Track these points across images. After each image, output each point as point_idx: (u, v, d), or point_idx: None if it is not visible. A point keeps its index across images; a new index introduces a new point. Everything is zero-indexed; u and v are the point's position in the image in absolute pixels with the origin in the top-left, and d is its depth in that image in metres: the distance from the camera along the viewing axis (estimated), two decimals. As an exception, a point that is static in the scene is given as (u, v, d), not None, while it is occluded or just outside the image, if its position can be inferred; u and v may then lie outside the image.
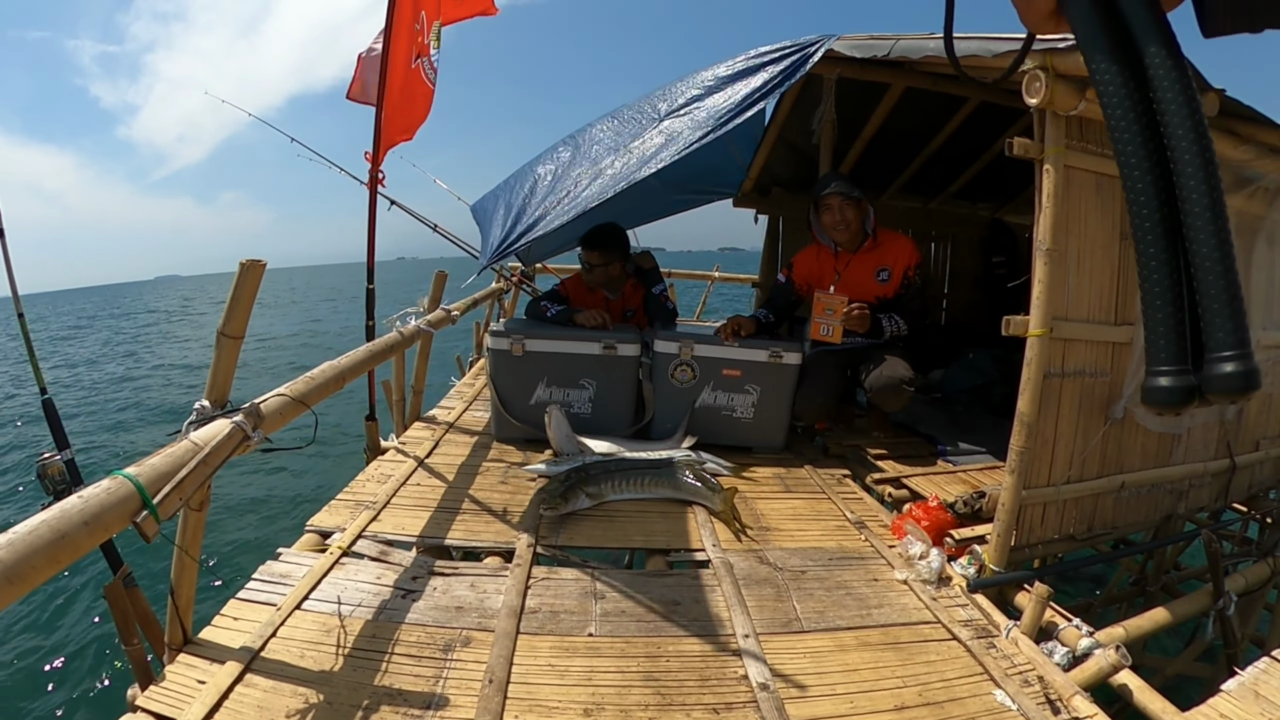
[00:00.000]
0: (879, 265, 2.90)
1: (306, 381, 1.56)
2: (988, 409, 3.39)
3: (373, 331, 2.83)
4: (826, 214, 2.85)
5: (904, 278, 2.89)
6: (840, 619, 1.69)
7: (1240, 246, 2.17)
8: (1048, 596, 1.64)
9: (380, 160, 2.92)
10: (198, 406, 1.36)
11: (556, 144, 2.94)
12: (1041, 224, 1.73)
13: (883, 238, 2.92)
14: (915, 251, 2.92)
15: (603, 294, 3.25)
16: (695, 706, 1.34)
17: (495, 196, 3.05)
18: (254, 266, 1.46)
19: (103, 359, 17.37)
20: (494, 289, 5.25)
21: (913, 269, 2.89)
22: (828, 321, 2.71)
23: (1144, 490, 2.17)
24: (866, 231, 2.88)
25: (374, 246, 3.03)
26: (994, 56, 1.81)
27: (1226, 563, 2.19)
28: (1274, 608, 2.67)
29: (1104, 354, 1.94)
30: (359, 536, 1.92)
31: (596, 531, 2.09)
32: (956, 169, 4.09)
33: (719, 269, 7.31)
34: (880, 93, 3.25)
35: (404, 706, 1.28)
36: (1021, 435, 1.79)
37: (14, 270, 2.11)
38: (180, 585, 1.45)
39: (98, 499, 0.92)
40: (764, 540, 2.09)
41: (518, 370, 2.79)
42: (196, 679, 1.30)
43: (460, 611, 1.61)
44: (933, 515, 2.06)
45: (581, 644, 1.51)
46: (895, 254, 2.90)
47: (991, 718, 1.36)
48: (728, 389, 2.80)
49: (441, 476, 2.46)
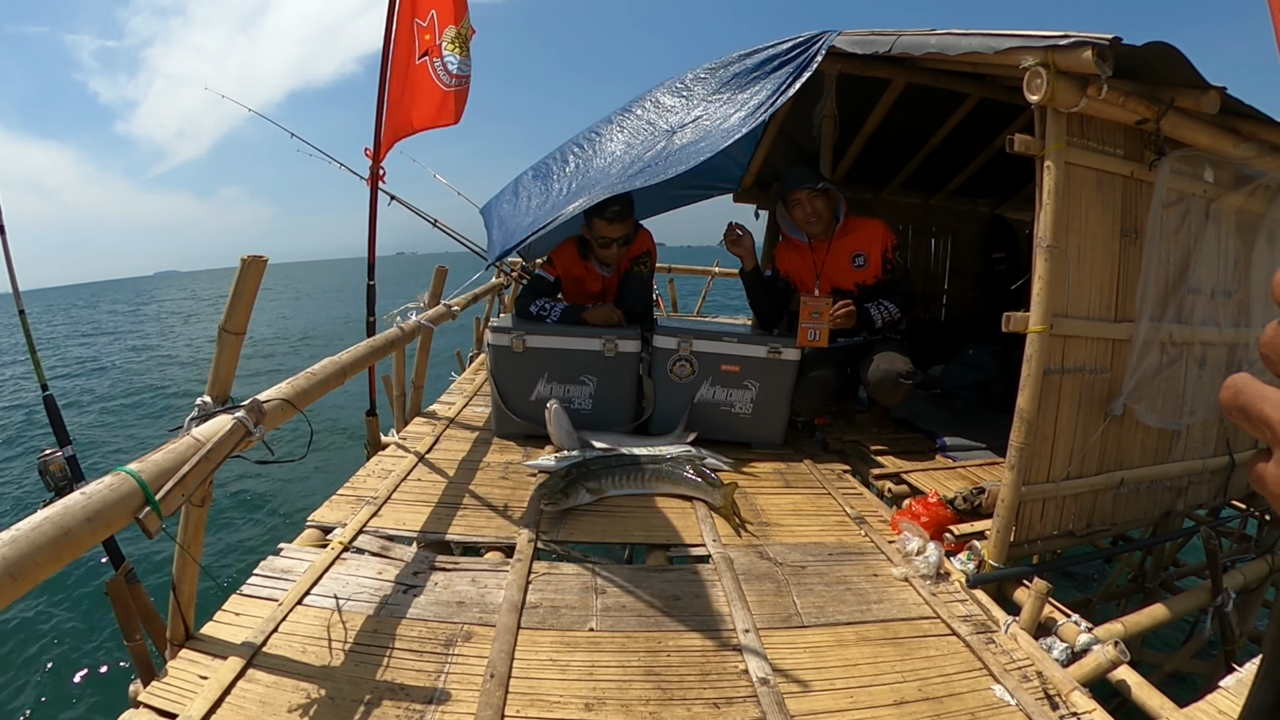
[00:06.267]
0: (854, 250, 2.91)
1: (308, 377, 1.56)
2: (987, 405, 3.39)
3: (373, 327, 2.83)
4: (797, 209, 2.87)
5: (884, 260, 2.89)
6: (840, 614, 1.69)
7: (1241, 245, 2.18)
8: (1047, 592, 1.65)
9: (382, 156, 2.91)
10: (199, 402, 1.36)
11: (565, 151, 2.93)
12: (1042, 220, 1.73)
13: (853, 224, 2.93)
14: (889, 232, 2.93)
15: (596, 270, 3.10)
16: (695, 701, 1.35)
17: (502, 199, 3.08)
18: (255, 262, 1.45)
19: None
20: (494, 284, 5.24)
21: (891, 249, 2.90)
22: (815, 326, 2.72)
23: (1143, 487, 2.17)
24: (837, 218, 2.89)
25: (375, 242, 3.02)
26: (996, 54, 1.80)
27: (1225, 559, 2.20)
28: (1272, 605, 2.68)
29: (1104, 351, 1.94)
30: (360, 532, 1.92)
31: (597, 527, 2.10)
32: (957, 165, 4.08)
33: (719, 264, 7.30)
34: (881, 88, 3.25)
35: (406, 701, 1.28)
36: (1021, 431, 1.80)
37: (14, 267, 2.11)
38: (182, 581, 1.45)
39: (100, 495, 0.92)
40: (764, 535, 2.09)
41: (518, 366, 2.79)
42: (199, 674, 1.31)
43: (461, 606, 1.61)
44: (932, 511, 2.07)
45: (582, 639, 1.52)
46: (868, 238, 2.90)
47: (990, 713, 1.37)
48: (726, 384, 2.80)
49: (442, 472, 2.46)
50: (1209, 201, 2.06)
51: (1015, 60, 1.73)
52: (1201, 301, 2.10)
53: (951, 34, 2.03)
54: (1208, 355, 2.18)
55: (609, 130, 2.85)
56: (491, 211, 3.15)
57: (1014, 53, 1.74)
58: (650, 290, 3.17)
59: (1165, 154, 1.89)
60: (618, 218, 2.87)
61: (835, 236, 2.90)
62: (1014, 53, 1.74)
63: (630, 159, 2.59)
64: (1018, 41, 1.74)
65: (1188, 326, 2.07)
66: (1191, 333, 2.09)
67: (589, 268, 3.09)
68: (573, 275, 3.10)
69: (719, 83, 2.66)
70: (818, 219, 2.85)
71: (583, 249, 3.07)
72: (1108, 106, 1.72)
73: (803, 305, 2.75)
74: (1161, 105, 1.79)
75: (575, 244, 3.09)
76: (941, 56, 2.07)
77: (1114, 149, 1.86)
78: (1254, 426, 0.30)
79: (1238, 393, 0.31)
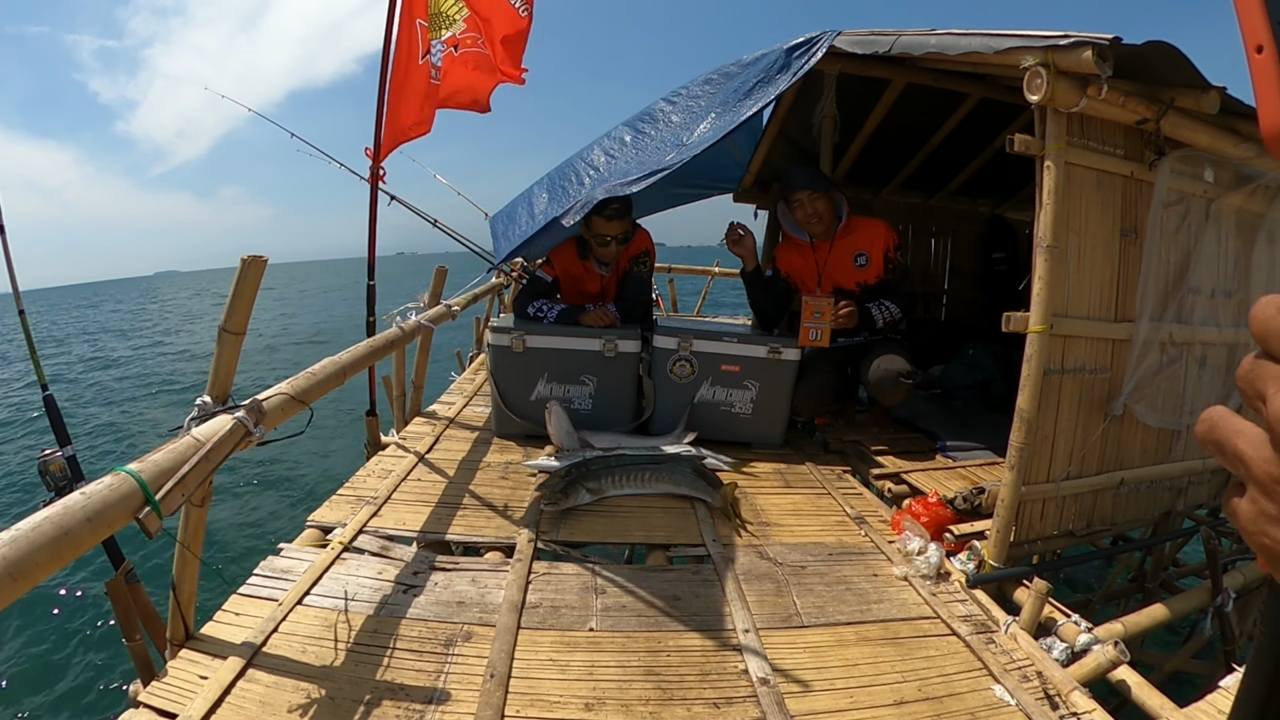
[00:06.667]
0: (856, 250, 2.92)
1: (308, 377, 1.56)
2: (987, 405, 3.39)
3: (373, 327, 2.83)
4: (798, 210, 2.88)
5: (886, 260, 2.90)
6: (840, 614, 1.69)
7: (1241, 245, 2.18)
8: (1047, 592, 1.65)
9: (383, 157, 2.91)
10: (199, 402, 1.35)
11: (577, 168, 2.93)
12: (1042, 220, 1.73)
13: (856, 223, 2.94)
14: (891, 232, 2.94)
15: (595, 269, 3.09)
16: (695, 701, 1.35)
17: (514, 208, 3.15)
18: (255, 262, 1.45)
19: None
20: (494, 284, 5.24)
21: (893, 249, 2.91)
22: (816, 325, 2.72)
23: (1143, 487, 2.17)
24: (839, 218, 2.90)
25: (375, 242, 3.02)
26: (996, 54, 1.80)
27: (1225, 559, 2.19)
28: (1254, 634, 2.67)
29: (1104, 351, 1.94)
30: (360, 532, 1.92)
31: (597, 527, 2.10)
32: (957, 165, 4.08)
33: (719, 264, 7.29)
34: (881, 88, 3.25)
35: (406, 701, 1.28)
36: (1021, 431, 1.80)
37: (14, 266, 2.11)
38: (182, 581, 1.45)
39: (100, 495, 0.92)
40: (764, 535, 2.09)
41: (518, 366, 2.79)
42: (198, 674, 1.31)
43: (461, 606, 1.61)
44: (932, 511, 2.07)
45: (582, 639, 1.52)
46: (870, 237, 2.91)
47: (990, 713, 1.37)
48: (726, 384, 2.80)
49: (442, 472, 2.46)
50: (1209, 201, 2.06)
51: (1015, 60, 1.73)
52: (1201, 301, 2.10)
53: (951, 34, 2.03)
54: (1208, 355, 2.18)
55: (622, 152, 2.88)
56: (499, 221, 3.22)
57: (1014, 53, 1.74)
58: (650, 290, 3.16)
59: (1165, 154, 1.89)
60: (616, 215, 2.88)
61: (837, 236, 2.91)
62: (1014, 53, 1.74)
63: (634, 166, 2.62)
64: (1018, 41, 1.74)
65: (1188, 326, 2.07)
66: (1191, 333, 2.09)
67: (587, 267, 3.09)
68: (571, 275, 3.10)
69: (725, 94, 2.67)
70: (819, 219, 2.85)
71: (581, 248, 3.07)
72: (1108, 106, 1.72)
73: (805, 305, 2.75)
74: (1161, 105, 1.79)
75: (574, 244, 3.09)
76: (941, 56, 2.07)
77: (1114, 149, 1.86)
78: (1228, 461, 0.30)
79: (1213, 426, 0.31)
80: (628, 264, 3.11)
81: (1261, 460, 0.28)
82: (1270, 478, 0.28)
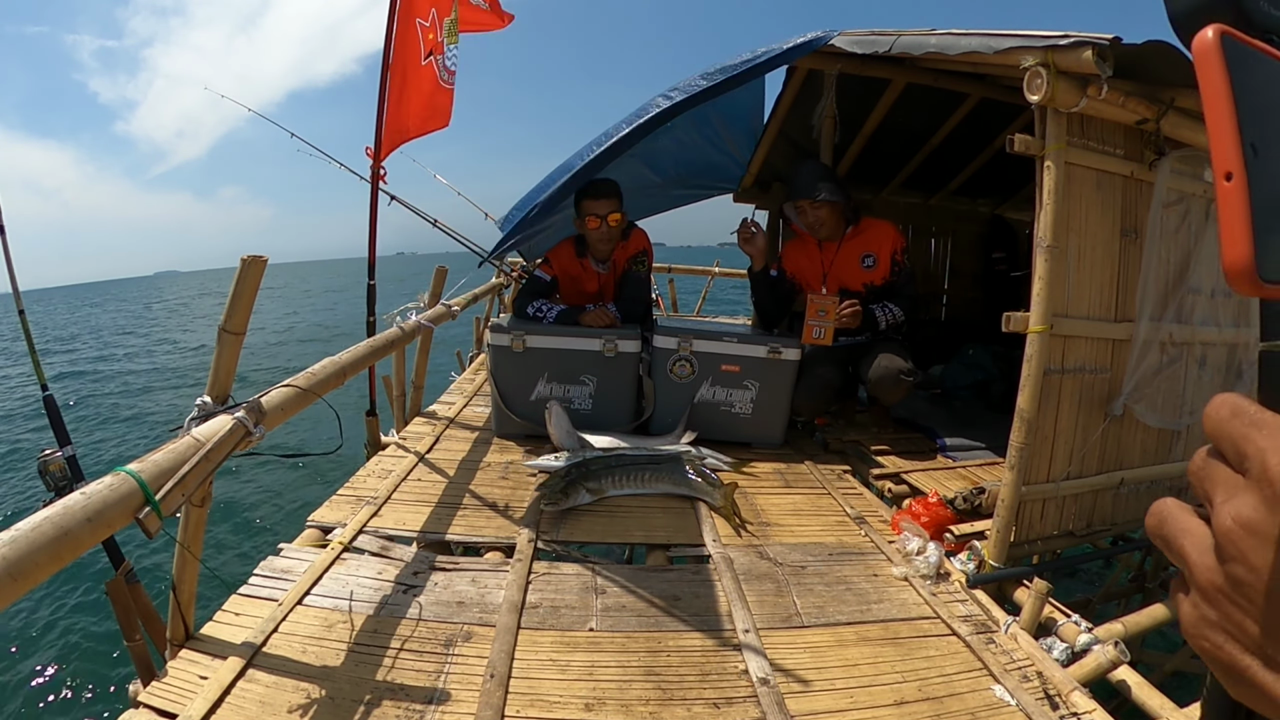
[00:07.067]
0: (863, 251, 2.93)
1: (308, 377, 1.56)
2: (987, 405, 3.39)
3: (373, 327, 2.83)
4: (802, 216, 2.92)
5: (892, 262, 2.91)
6: (840, 614, 1.69)
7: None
8: (1047, 592, 1.65)
9: (384, 157, 2.91)
10: (199, 402, 1.36)
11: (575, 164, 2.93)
12: (1042, 220, 1.73)
13: (865, 224, 2.95)
14: (899, 235, 2.96)
15: (593, 268, 3.10)
16: (696, 701, 1.35)
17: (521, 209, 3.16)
18: (255, 262, 1.45)
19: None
20: (494, 284, 5.24)
21: (900, 252, 2.92)
22: (820, 324, 2.73)
23: (1143, 487, 2.17)
24: (848, 220, 2.91)
25: (375, 242, 3.03)
26: (996, 54, 1.80)
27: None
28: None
29: (1104, 351, 1.94)
30: (360, 532, 1.92)
31: (597, 527, 2.10)
32: (957, 165, 4.08)
33: (719, 264, 7.29)
34: (881, 88, 3.24)
35: (406, 701, 1.28)
36: (1021, 431, 1.79)
37: (14, 267, 2.10)
38: (182, 581, 1.45)
39: (100, 495, 0.92)
40: (764, 535, 2.09)
41: (518, 366, 2.79)
42: (199, 674, 1.31)
43: (461, 607, 1.61)
44: (932, 511, 2.07)
45: (582, 639, 1.52)
46: (879, 239, 2.92)
47: (990, 713, 1.37)
48: (726, 384, 2.80)
49: (442, 472, 2.46)
50: (1209, 201, 2.06)
51: (1015, 60, 1.73)
52: (1201, 301, 2.09)
53: (951, 34, 2.03)
54: (1208, 355, 2.18)
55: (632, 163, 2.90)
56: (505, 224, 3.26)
57: (1014, 53, 1.74)
58: (649, 289, 3.17)
59: (1165, 154, 1.89)
60: (603, 193, 2.92)
61: (846, 238, 2.92)
62: (1014, 53, 1.74)
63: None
64: (1018, 41, 1.74)
65: (1188, 326, 2.07)
66: (1191, 333, 2.08)
67: (585, 266, 3.09)
68: (570, 275, 3.10)
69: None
70: (821, 225, 2.88)
71: (579, 247, 3.07)
72: (1108, 106, 1.72)
73: (810, 302, 2.76)
74: (1161, 105, 1.79)
75: (572, 243, 3.10)
76: (941, 56, 2.07)
77: (1114, 149, 1.86)
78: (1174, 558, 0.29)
79: (1162, 521, 0.30)
80: (626, 264, 3.11)
81: (1205, 568, 0.27)
82: (1212, 585, 0.27)
